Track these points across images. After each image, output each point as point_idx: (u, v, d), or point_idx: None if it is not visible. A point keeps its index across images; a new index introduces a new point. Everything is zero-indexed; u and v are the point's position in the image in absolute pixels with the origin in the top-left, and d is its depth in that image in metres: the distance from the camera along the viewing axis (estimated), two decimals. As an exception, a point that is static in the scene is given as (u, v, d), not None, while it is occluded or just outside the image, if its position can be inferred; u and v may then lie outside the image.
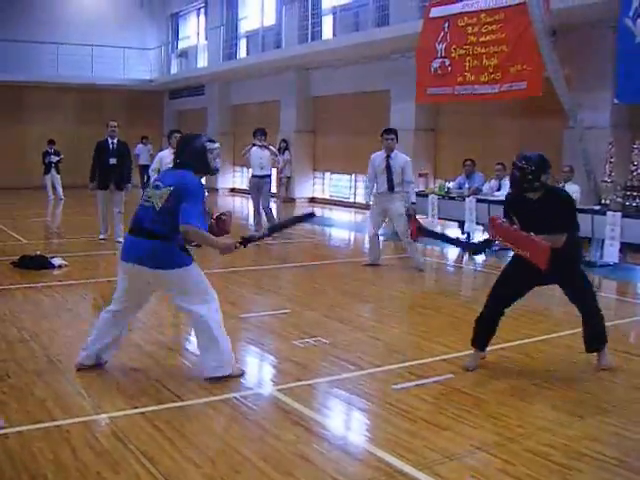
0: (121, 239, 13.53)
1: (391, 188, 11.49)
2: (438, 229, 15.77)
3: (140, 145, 26.85)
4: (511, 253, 6.54)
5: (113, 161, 13.71)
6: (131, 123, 31.03)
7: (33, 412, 5.15)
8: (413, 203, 11.52)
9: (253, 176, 15.22)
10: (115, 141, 13.85)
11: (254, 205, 15.32)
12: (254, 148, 14.93)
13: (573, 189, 12.89)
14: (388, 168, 11.43)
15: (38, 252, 11.25)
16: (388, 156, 11.47)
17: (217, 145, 6.19)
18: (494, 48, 14.95)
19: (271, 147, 15.22)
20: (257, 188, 15.03)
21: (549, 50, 13.79)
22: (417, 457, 4.49)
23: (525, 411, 5.37)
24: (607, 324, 8.25)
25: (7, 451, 4.50)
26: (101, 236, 13.93)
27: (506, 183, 13.96)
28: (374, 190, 11.75)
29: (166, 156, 13.32)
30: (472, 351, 6.47)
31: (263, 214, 15.08)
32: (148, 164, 19.47)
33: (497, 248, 6.71)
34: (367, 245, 12.17)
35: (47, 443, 4.62)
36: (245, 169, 27.08)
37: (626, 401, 5.69)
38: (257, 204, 15.17)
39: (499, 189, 14.07)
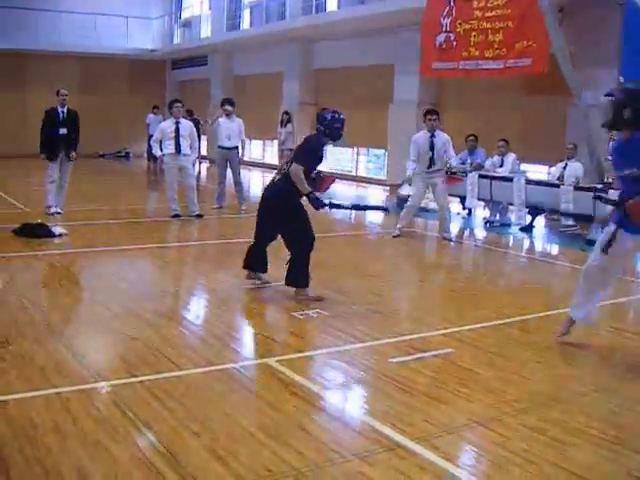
0: (59, 210, 13.17)
1: (433, 165, 11.89)
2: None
3: (151, 115, 26.57)
4: None
5: (63, 131, 13.05)
6: (133, 93, 31.03)
7: (33, 379, 5.17)
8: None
9: (220, 147, 14.65)
10: (65, 110, 13.15)
11: (219, 178, 14.76)
12: (221, 118, 14.64)
13: (576, 167, 12.88)
14: (432, 147, 11.80)
15: (39, 221, 11.24)
16: (432, 135, 11.82)
17: None
18: (500, 24, 14.86)
19: (237, 121, 14.59)
20: (225, 160, 14.72)
21: (555, 27, 13.71)
22: (415, 430, 4.51)
23: (523, 386, 5.39)
24: (606, 302, 8.29)
25: (7, 418, 4.52)
26: (53, 209, 13.16)
27: (509, 160, 13.94)
28: (417, 168, 12.03)
29: (168, 126, 13.29)
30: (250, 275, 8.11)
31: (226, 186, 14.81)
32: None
33: None
34: (401, 215, 12.26)
35: (47, 410, 4.63)
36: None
37: (625, 379, 5.71)
38: (223, 177, 14.71)
39: (501, 165, 14.03)
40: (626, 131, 5.94)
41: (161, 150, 13.26)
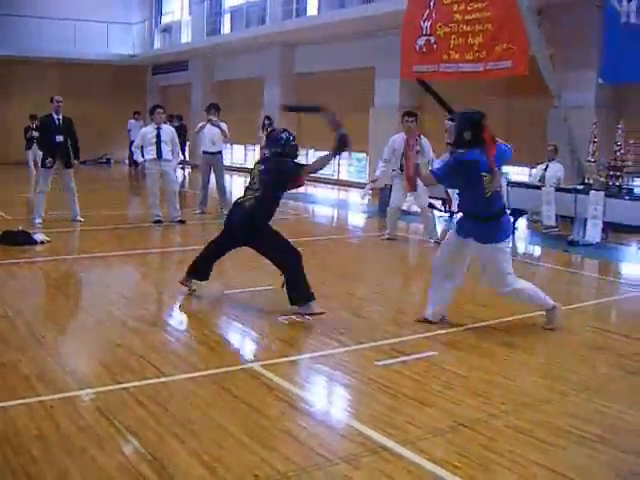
0: (80, 218, 13.15)
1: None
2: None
3: (132, 120, 26.47)
4: None
5: (60, 138, 12.87)
6: (114, 98, 30.93)
7: (17, 388, 5.14)
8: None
9: (204, 152, 14.76)
10: (60, 117, 13.02)
11: (202, 182, 14.84)
12: (208, 124, 14.59)
13: (557, 168, 12.95)
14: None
15: (21, 228, 11.18)
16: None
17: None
18: (479, 26, 14.93)
19: (222, 125, 14.62)
20: (209, 165, 14.73)
21: (535, 29, 13.81)
22: (400, 433, 4.52)
23: (508, 388, 5.41)
24: (589, 303, 8.34)
25: (-9, 426, 4.50)
26: (37, 220, 12.85)
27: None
28: (397, 170, 11.92)
29: (149, 132, 13.25)
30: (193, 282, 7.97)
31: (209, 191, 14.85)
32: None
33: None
34: (386, 219, 12.39)
35: (31, 419, 4.61)
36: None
37: (608, 379, 5.74)
38: (205, 182, 14.77)
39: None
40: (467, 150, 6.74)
41: (143, 156, 13.23)
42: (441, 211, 14.84)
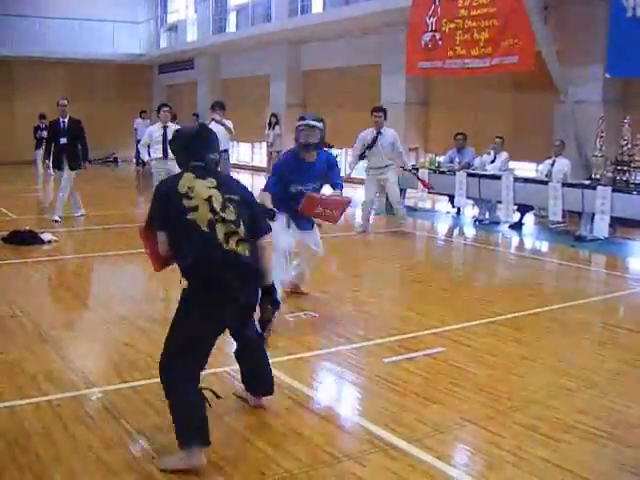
0: (79, 213, 13.57)
1: (381, 162, 12.33)
2: (428, 203, 15.83)
3: (138, 119, 26.45)
4: None
5: (64, 140, 13.33)
6: (121, 98, 30.92)
7: (24, 387, 5.15)
8: (414, 167, 13.96)
9: None
10: (66, 120, 13.46)
11: None
12: (212, 123, 14.53)
13: (563, 163, 12.90)
14: (375, 144, 12.15)
15: (28, 227, 11.21)
16: (379, 132, 12.11)
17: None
18: (485, 22, 14.86)
19: (227, 123, 14.51)
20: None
21: (540, 24, 13.75)
22: (408, 430, 4.51)
23: (515, 384, 5.40)
24: (597, 298, 8.29)
25: (-2, 426, 4.51)
26: (54, 217, 13.29)
27: (501, 157, 13.99)
28: (368, 165, 12.58)
29: (155, 131, 13.23)
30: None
31: None
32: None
33: None
34: (359, 214, 13.16)
35: (38, 418, 4.62)
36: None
37: (616, 374, 5.72)
38: None
39: (493, 161, 14.04)
40: (315, 152, 6.95)
41: (149, 155, 13.23)
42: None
